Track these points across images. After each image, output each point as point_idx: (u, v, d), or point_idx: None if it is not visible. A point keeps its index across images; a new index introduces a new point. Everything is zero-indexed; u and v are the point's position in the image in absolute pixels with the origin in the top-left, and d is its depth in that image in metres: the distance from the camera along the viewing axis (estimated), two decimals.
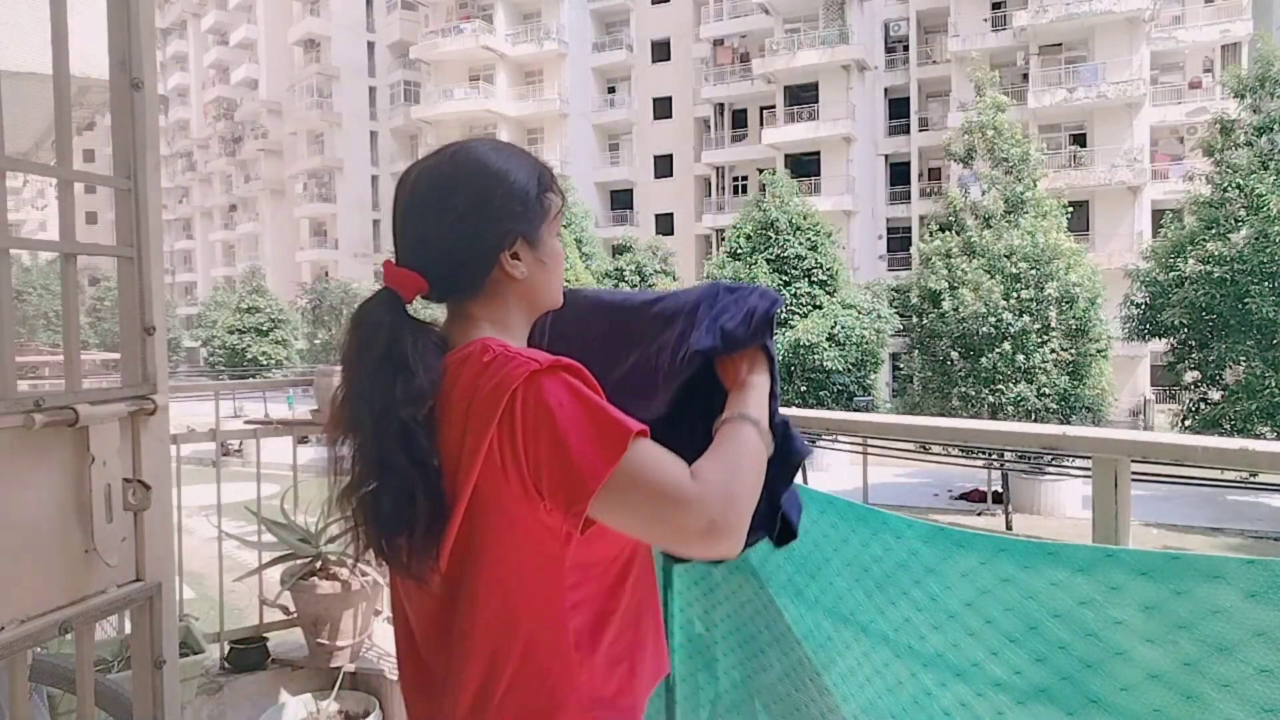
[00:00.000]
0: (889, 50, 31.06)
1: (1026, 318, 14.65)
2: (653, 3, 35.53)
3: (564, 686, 0.92)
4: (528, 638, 0.92)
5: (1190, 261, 14.76)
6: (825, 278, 18.65)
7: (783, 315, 18.27)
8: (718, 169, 33.06)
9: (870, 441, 11.42)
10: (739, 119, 33.22)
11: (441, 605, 0.95)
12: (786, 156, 30.17)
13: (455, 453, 0.88)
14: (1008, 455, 13.17)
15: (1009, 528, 13.66)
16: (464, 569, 0.91)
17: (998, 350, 14.80)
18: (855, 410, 15.42)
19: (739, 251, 19.12)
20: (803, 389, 17.63)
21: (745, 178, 32.60)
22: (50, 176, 0.96)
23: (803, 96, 30.26)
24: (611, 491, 0.83)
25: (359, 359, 0.93)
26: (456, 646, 0.94)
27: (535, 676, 0.92)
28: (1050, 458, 12.02)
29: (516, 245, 0.97)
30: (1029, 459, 13.42)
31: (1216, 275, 14.20)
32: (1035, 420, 14.57)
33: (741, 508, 0.86)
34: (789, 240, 18.62)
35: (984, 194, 15.85)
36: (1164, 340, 15.93)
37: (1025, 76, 26.36)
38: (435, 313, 1.05)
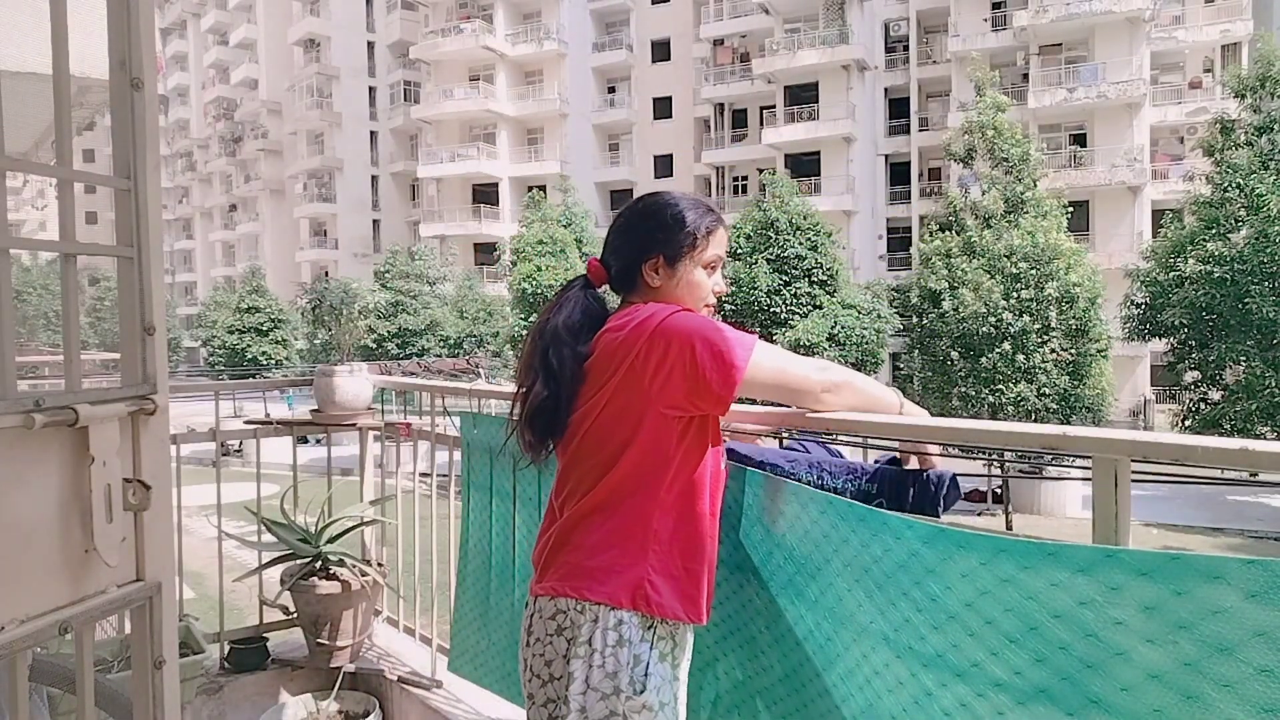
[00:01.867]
0: (889, 50, 31.04)
1: (1026, 318, 14.64)
2: (653, 3, 35.51)
3: (640, 541, 1.25)
4: (630, 494, 1.26)
5: (1190, 261, 14.74)
6: (825, 278, 18.62)
7: (783, 315, 18.26)
8: (718, 169, 33.05)
9: (870, 441, 11.40)
10: (739, 119, 33.21)
11: (569, 467, 1.34)
12: (786, 156, 30.16)
13: (604, 367, 1.28)
14: (1008, 455, 13.16)
15: (1009, 528, 13.66)
16: (596, 442, 1.28)
17: (998, 350, 14.79)
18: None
19: (739, 251, 19.10)
20: None
21: (745, 178, 32.59)
22: (50, 176, 0.95)
23: (803, 96, 30.25)
24: (750, 375, 1.22)
25: (550, 306, 1.36)
26: (576, 491, 1.31)
27: (626, 523, 1.26)
28: (1050, 458, 11.99)
29: (656, 260, 1.35)
30: (1029, 459, 13.41)
31: (1217, 275, 14.19)
32: (1035, 420, 14.56)
33: (844, 385, 1.34)
34: (789, 240, 18.60)
35: (984, 194, 15.84)
36: (1164, 340, 15.91)
37: (1025, 76, 26.35)
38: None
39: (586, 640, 1.22)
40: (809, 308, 18.32)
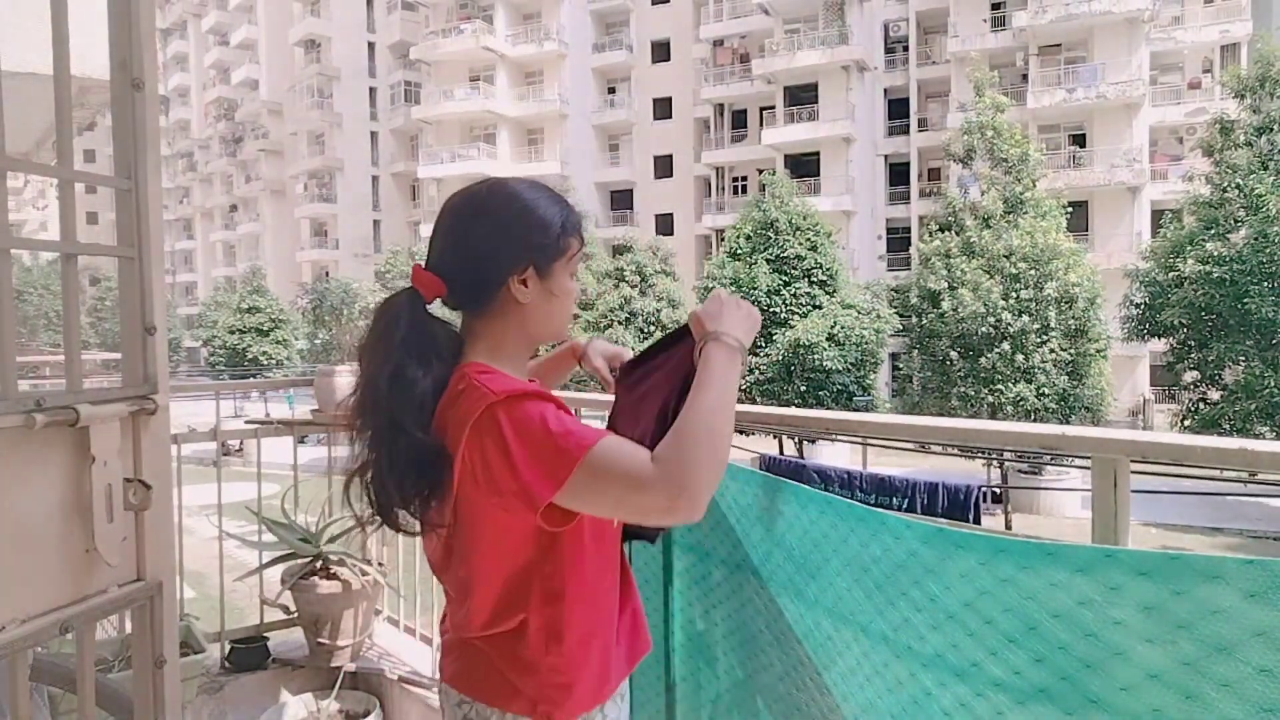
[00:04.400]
0: (889, 51, 31.05)
1: (1026, 318, 14.65)
2: (653, 3, 35.51)
3: (532, 656, 1.08)
4: (511, 606, 1.07)
5: (1189, 261, 14.74)
6: (825, 278, 18.64)
7: (782, 315, 18.27)
8: (718, 169, 33.05)
9: (870, 442, 11.41)
10: (739, 119, 33.21)
11: (446, 550, 1.12)
12: (786, 157, 30.16)
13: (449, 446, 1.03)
14: (1007, 455, 13.16)
15: (1008, 528, 13.65)
16: (458, 532, 1.07)
17: (997, 350, 14.80)
18: (855, 410, 15.44)
19: (739, 251, 19.12)
20: (802, 389, 17.63)
21: (745, 178, 32.59)
22: (51, 176, 0.96)
23: (802, 97, 30.25)
24: (569, 495, 0.96)
25: (379, 343, 1.06)
26: (458, 582, 1.13)
27: (513, 636, 1.08)
28: (1050, 458, 12.02)
29: (528, 272, 1.08)
30: (1029, 459, 13.41)
31: (1216, 275, 14.19)
32: (1035, 420, 14.57)
33: (699, 479, 0.94)
34: (789, 240, 18.61)
35: (983, 194, 15.84)
36: (1163, 340, 15.91)
37: (1025, 77, 26.36)
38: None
39: None
40: (809, 308, 18.34)
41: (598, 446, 0.96)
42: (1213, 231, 14.65)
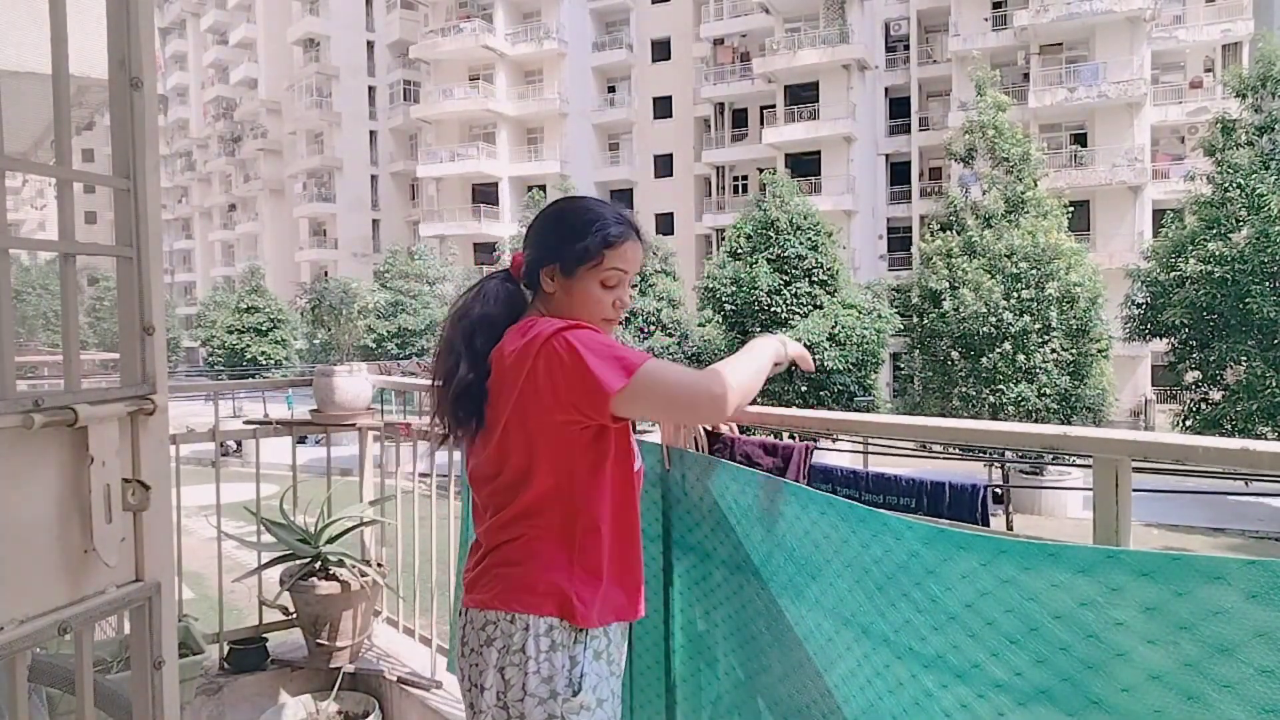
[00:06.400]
0: (889, 50, 31.03)
1: (1027, 318, 14.64)
2: (653, 2, 35.49)
3: (562, 555, 1.28)
4: (548, 508, 1.28)
5: (1191, 261, 14.74)
6: (826, 277, 18.61)
7: (783, 315, 18.26)
8: (718, 169, 33.03)
9: (870, 442, 11.39)
10: (739, 118, 33.19)
11: (481, 483, 1.35)
12: (787, 156, 30.14)
13: (502, 384, 1.27)
14: (1008, 455, 13.15)
15: (1010, 528, 13.64)
16: (503, 459, 1.29)
17: (998, 350, 14.79)
18: (856, 410, 15.43)
19: (739, 251, 19.10)
20: (803, 389, 17.61)
21: (745, 177, 32.58)
22: (49, 176, 0.95)
23: (803, 96, 30.24)
24: (632, 390, 1.20)
25: (470, 294, 1.38)
26: (506, 487, 1.31)
27: (546, 537, 1.28)
28: (1051, 458, 12.01)
29: (554, 268, 1.35)
30: (1030, 459, 13.41)
31: (1217, 275, 14.19)
32: (1036, 420, 14.57)
33: (733, 393, 1.25)
34: (789, 240, 18.59)
35: (984, 193, 15.83)
36: (1165, 340, 15.91)
37: (1026, 76, 26.35)
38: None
39: (520, 648, 1.25)
40: (809, 307, 18.31)
41: (652, 358, 1.25)
42: (1214, 231, 14.64)
